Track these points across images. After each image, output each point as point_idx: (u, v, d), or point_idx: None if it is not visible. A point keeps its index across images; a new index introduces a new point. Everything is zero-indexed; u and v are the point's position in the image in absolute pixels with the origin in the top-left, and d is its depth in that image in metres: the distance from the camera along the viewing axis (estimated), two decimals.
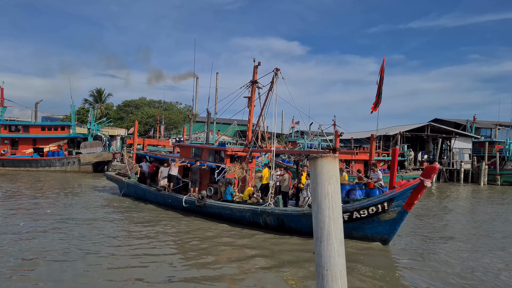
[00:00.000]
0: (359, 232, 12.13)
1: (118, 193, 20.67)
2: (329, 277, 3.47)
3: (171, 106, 66.91)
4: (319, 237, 3.63)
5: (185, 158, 17.74)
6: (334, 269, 3.48)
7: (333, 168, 3.51)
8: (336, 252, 3.54)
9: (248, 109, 17.16)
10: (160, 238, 11.87)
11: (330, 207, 3.56)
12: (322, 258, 3.56)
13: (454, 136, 46.28)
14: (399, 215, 11.70)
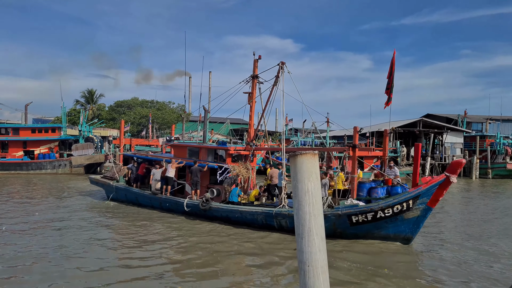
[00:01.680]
0: (381, 232, 11.82)
1: (106, 197, 19.43)
2: (311, 273, 3.48)
3: (164, 106, 66.57)
4: (300, 234, 3.64)
5: (180, 158, 17.09)
6: (316, 264, 3.50)
7: (313, 165, 3.52)
8: (318, 248, 3.56)
9: (249, 105, 16.34)
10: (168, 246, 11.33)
11: (311, 203, 3.57)
12: (303, 254, 3.58)
13: (445, 131, 46.64)
14: (423, 212, 11.39)
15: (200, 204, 14.43)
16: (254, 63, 16.09)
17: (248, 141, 16.52)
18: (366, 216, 11.50)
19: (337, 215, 11.69)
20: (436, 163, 42.54)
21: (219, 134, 48.45)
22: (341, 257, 10.31)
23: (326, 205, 12.37)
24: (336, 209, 11.83)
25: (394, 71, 15.01)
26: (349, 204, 11.77)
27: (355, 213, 11.55)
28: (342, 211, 11.64)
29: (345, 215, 11.65)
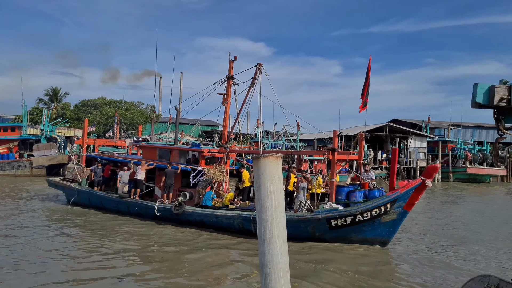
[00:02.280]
0: (358, 235, 11.87)
1: (66, 201, 18.25)
2: (272, 276, 3.45)
3: (133, 106, 65.03)
4: (262, 236, 3.60)
5: (149, 160, 16.34)
6: (277, 267, 3.47)
7: (275, 167, 3.49)
8: (279, 250, 3.53)
9: (224, 106, 15.99)
10: (135, 252, 10.93)
11: (273, 206, 3.54)
12: (265, 257, 3.54)
13: (410, 135, 48.26)
14: (400, 216, 11.57)
15: (172, 208, 13.89)
16: (229, 64, 15.78)
17: (222, 143, 16.21)
18: (345, 219, 11.55)
19: (317, 219, 11.67)
20: (401, 167, 43.90)
21: (189, 136, 47.89)
22: (305, 260, 10.39)
23: (305, 209, 12.31)
24: (316, 213, 11.78)
25: (369, 76, 15.24)
26: (329, 208, 11.78)
27: (335, 217, 11.57)
28: (322, 215, 11.62)
29: (325, 219, 11.64)
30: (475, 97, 3.09)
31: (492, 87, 3.11)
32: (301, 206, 12.47)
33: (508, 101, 3.06)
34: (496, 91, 3.08)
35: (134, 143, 20.54)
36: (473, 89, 3.09)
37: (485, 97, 3.10)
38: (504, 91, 3.10)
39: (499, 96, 3.06)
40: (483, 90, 3.10)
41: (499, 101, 3.04)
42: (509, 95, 3.05)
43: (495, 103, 3.07)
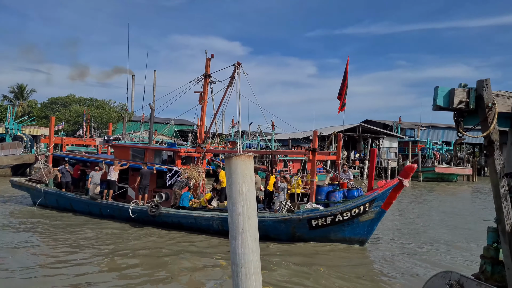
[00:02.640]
0: (338, 235, 11.98)
1: (32, 203, 17.30)
2: (244, 275, 3.45)
3: (104, 104, 63.42)
4: (234, 235, 3.60)
5: (122, 160, 15.83)
6: (249, 266, 3.47)
7: (247, 166, 3.50)
8: (251, 249, 3.54)
9: (201, 105, 15.67)
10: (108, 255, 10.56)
11: (245, 205, 3.55)
12: (236, 256, 3.54)
13: (382, 136, 49.48)
14: (377, 215, 11.78)
15: (148, 209, 13.50)
16: (206, 62, 15.50)
17: (199, 142, 15.96)
18: (325, 219, 11.65)
19: (298, 219, 11.72)
20: None
21: (163, 135, 47.21)
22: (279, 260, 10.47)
23: (285, 209, 12.32)
24: (297, 213, 11.84)
25: (347, 77, 15.39)
26: (310, 208, 11.86)
27: (316, 217, 11.65)
28: (303, 215, 11.69)
29: (306, 219, 11.70)
30: (436, 100, 3.18)
31: (451, 90, 3.19)
32: (281, 207, 12.49)
33: (467, 104, 3.17)
34: (456, 94, 3.17)
35: (105, 142, 20.01)
36: (434, 92, 3.18)
37: (445, 100, 3.18)
38: (463, 94, 3.20)
39: (458, 99, 3.16)
40: (443, 93, 3.18)
41: (458, 104, 3.16)
42: (468, 98, 3.17)
43: (455, 106, 3.17)
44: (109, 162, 15.92)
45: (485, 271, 3.89)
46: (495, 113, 3.17)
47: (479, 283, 3.51)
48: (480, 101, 3.19)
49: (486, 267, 3.91)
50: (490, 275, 3.83)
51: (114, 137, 27.41)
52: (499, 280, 3.71)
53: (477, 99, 3.20)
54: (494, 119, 3.16)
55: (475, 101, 3.19)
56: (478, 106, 3.21)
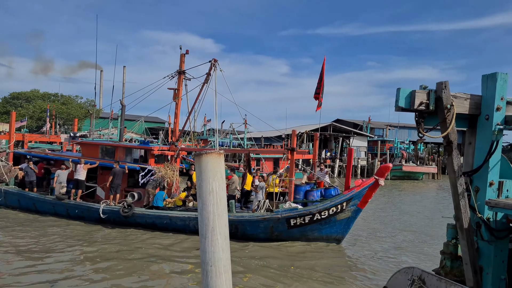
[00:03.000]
0: (315, 233, 12.04)
1: None
2: (213, 273, 3.44)
3: (70, 100, 61.25)
4: (204, 234, 3.59)
5: (90, 158, 15.21)
6: (218, 264, 3.47)
7: (217, 164, 3.50)
8: (221, 247, 3.53)
9: (175, 102, 15.29)
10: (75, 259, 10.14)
11: (215, 203, 3.54)
12: (206, 255, 3.53)
13: (352, 135, 50.61)
14: (354, 213, 11.94)
15: (120, 210, 13.03)
16: (181, 58, 15.15)
17: (173, 140, 15.58)
18: (304, 218, 11.73)
19: (277, 218, 11.73)
20: (344, 165, 45.88)
21: (133, 133, 46.18)
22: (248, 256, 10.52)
23: (264, 209, 12.27)
24: (276, 212, 11.83)
25: (324, 77, 15.49)
26: (289, 207, 11.89)
27: (294, 216, 11.70)
28: (282, 215, 11.71)
29: (284, 219, 11.73)
30: (398, 101, 3.26)
31: (412, 92, 3.29)
32: (259, 206, 12.45)
33: (427, 105, 3.27)
34: (416, 96, 3.27)
35: (71, 139, 19.23)
36: (396, 94, 3.27)
37: (406, 101, 3.27)
38: (423, 95, 3.30)
39: (419, 100, 3.26)
40: (405, 94, 3.28)
41: (419, 105, 3.25)
42: (428, 99, 3.27)
43: (415, 107, 3.26)
44: (76, 160, 15.26)
45: (445, 266, 4.02)
46: (454, 114, 3.27)
47: (439, 278, 3.62)
48: (439, 103, 3.28)
49: (445, 263, 4.03)
50: (450, 270, 3.96)
51: (80, 134, 26.42)
52: (457, 275, 3.85)
53: (437, 101, 3.29)
54: (453, 120, 3.27)
55: (434, 103, 3.29)
56: (437, 108, 3.30)
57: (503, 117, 3.48)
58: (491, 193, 3.56)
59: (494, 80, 3.43)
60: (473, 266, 3.57)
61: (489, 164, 3.48)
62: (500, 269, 3.60)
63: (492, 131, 3.43)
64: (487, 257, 3.61)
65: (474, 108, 3.54)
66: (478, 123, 3.59)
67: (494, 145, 3.43)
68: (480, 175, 3.58)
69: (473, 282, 3.56)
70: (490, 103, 3.46)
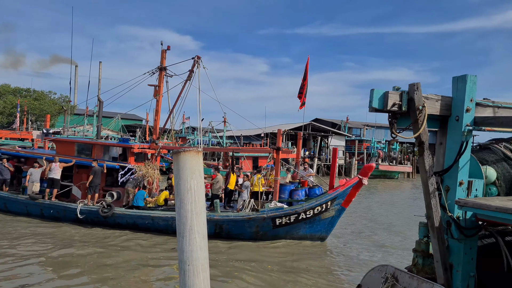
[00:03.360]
0: (299, 232, 12.11)
1: None
2: (191, 272, 3.42)
3: (43, 96, 59.38)
4: (182, 232, 3.56)
5: (66, 156, 14.76)
6: (196, 263, 3.44)
7: (196, 162, 3.48)
8: (199, 246, 3.52)
9: (155, 99, 15.03)
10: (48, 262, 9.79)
11: (193, 201, 3.51)
12: (184, 253, 3.50)
13: (331, 134, 51.29)
14: (338, 212, 12.11)
15: (100, 210, 12.70)
16: (162, 54, 14.88)
17: (154, 138, 15.26)
18: (289, 218, 11.80)
19: (262, 218, 11.74)
20: (322, 164, 46.46)
21: (109, 130, 45.17)
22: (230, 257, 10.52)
23: (249, 208, 12.24)
24: (261, 212, 11.83)
25: (307, 76, 15.56)
26: (274, 207, 11.91)
27: (280, 215, 11.74)
28: (268, 214, 11.73)
29: (270, 218, 11.76)
30: (372, 102, 3.29)
31: (386, 93, 3.32)
32: (244, 206, 12.42)
33: (400, 106, 3.32)
34: (389, 97, 3.30)
35: (44, 136, 18.59)
36: (370, 94, 3.30)
37: (380, 102, 3.30)
38: (396, 97, 3.34)
39: (392, 101, 3.29)
40: (378, 95, 3.31)
41: (392, 106, 3.29)
42: (401, 100, 3.32)
43: (388, 108, 3.29)
44: (50, 158, 14.73)
45: (417, 264, 4.06)
46: (425, 115, 3.31)
47: (411, 276, 3.66)
48: (412, 104, 3.32)
49: (417, 260, 4.07)
50: (421, 267, 4.01)
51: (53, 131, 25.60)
52: (429, 272, 3.90)
53: (409, 102, 3.33)
54: (424, 121, 3.31)
55: (407, 104, 3.33)
56: (409, 109, 3.34)
57: (473, 118, 3.53)
58: (460, 192, 3.61)
59: (464, 82, 3.48)
60: (444, 264, 3.62)
61: (459, 164, 3.53)
62: (470, 266, 3.66)
63: (462, 132, 3.48)
64: (457, 254, 3.66)
65: (445, 109, 3.58)
66: (449, 124, 3.64)
67: (464, 146, 3.48)
68: (450, 175, 3.63)
69: (444, 279, 3.61)
70: (460, 105, 3.51)
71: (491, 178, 3.92)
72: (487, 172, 3.89)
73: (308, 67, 15.35)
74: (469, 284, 3.67)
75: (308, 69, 15.48)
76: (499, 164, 4.02)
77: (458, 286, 3.64)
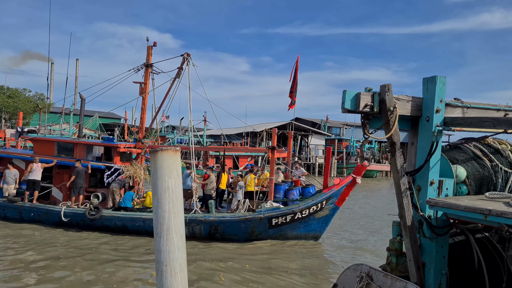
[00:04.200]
0: (293, 232, 12.09)
1: None
2: (168, 273, 3.37)
3: (17, 93, 57.57)
4: (159, 233, 3.52)
5: (45, 156, 14.18)
6: (174, 263, 3.41)
7: (174, 161, 3.46)
8: (176, 246, 3.49)
9: (142, 96, 14.59)
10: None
11: (171, 201, 3.48)
12: (161, 254, 3.46)
13: (311, 133, 51.77)
14: (331, 211, 12.17)
15: (86, 212, 12.11)
16: (148, 50, 14.50)
17: (140, 137, 14.88)
18: (285, 218, 11.77)
19: (259, 218, 11.65)
20: (302, 163, 46.85)
21: (86, 129, 44.09)
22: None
23: (244, 209, 12.08)
24: (258, 212, 11.71)
25: (297, 75, 15.29)
26: (271, 207, 11.84)
27: (277, 215, 11.70)
28: (264, 214, 11.66)
29: (266, 218, 11.70)
30: (344, 103, 3.30)
31: (358, 94, 3.33)
32: (239, 206, 12.25)
33: (372, 107, 3.33)
34: (361, 98, 3.31)
35: (19, 134, 17.90)
36: (342, 96, 3.31)
37: (352, 103, 3.31)
38: (368, 98, 3.36)
39: (364, 102, 3.31)
40: (350, 96, 3.32)
41: (364, 107, 3.30)
42: (372, 101, 3.33)
43: (361, 109, 3.30)
44: (27, 158, 14.05)
45: (391, 262, 4.10)
46: (396, 116, 3.33)
47: (386, 274, 3.70)
48: (383, 105, 3.33)
49: (391, 259, 4.11)
50: (395, 266, 4.06)
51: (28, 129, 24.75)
52: (402, 271, 3.96)
53: (381, 103, 3.34)
54: (395, 121, 3.33)
55: (378, 105, 3.34)
56: (381, 110, 3.35)
57: (443, 119, 3.58)
58: (432, 191, 3.66)
59: (433, 83, 3.53)
60: (416, 262, 3.68)
61: (430, 164, 3.58)
62: (441, 264, 3.72)
63: (432, 132, 3.53)
64: (429, 253, 3.72)
65: (416, 110, 3.63)
66: (420, 124, 3.68)
67: (434, 146, 3.53)
68: (421, 175, 3.68)
69: (417, 277, 3.66)
70: (430, 105, 3.56)
71: (461, 177, 3.98)
72: (457, 171, 3.95)
73: (297, 66, 15.39)
74: (441, 282, 3.71)
75: (298, 69, 15.45)
76: (469, 163, 4.09)
77: (430, 284, 3.69)
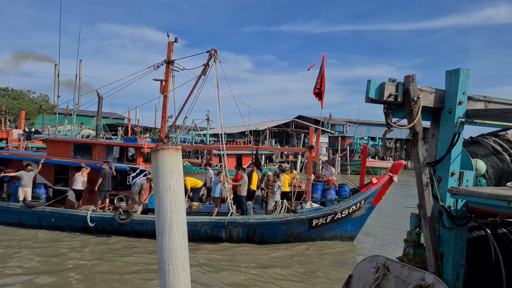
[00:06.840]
0: (330, 232, 11.90)
1: None
2: (171, 271, 3.37)
3: (22, 95, 57.84)
4: (161, 231, 3.49)
5: (59, 157, 13.59)
6: (176, 262, 3.40)
7: (175, 160, 3.43)
8: (178, 245, 3.46)
9: (163, 94, 13.93)
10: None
11: (172, 200, 3.46)
12: (164, 253, 3.44)
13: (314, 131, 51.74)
14: (368, 211, 12.01)
15: (116, 216, 11.51)
16: (168, 46, 13.79)
17: (162, 137, 14.27)
18: (326, 218, 11.54)
19: (301, 219, 11.40)
20: (306, 161, 46.81)
21: (90, 129, 44.06)
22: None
23: (283, 210, 11.73)
24: (300, 213, 11.42)
25: (324, 73, 15.19)
26: (311, 207, 11.58)
27: (318, 216, 11.48)
28: (307, 215, 11.41)
29: (308, 219, 11.46)
30: (369, 92, 3.35)
31: (382, 84, 3.40)
32: (277, 207, 11.89)
33: (395, 97, 3.39)
34: (386, 87, 3.37)
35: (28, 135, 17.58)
36: (367, 85, 3.37)
37: (376, 93, 3.37)
38: (392, 88, 3.41)
39: (388, 92, 3.37)
40: (375, 86, 3.38)
41: (388, 97, 3.36)
42: (396, 91, 3.40)
43: (385, 99, 3.36)
44: (36, 160, 13.42)
45: (408, 253, 4.18)
46: (420, 107, 3.39)
47: (402, 265, 3.73)
48: (407, 95, 3.40)
49: (408, 250, 4.19)
50: (412, 257, 4.13)
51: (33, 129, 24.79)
52: (419, 262, 4.03)
53: (404, 93, 3.42)
54: (419, 112, 3.38)
55: (402, 95, 3.41)
56: (405, 100, 3.42)
57: (465, 111, 3.64)
58: (452, 182, 3.70)
59: (457, 76, 3.57)
60: (435, 252, 3.70)
61: (451, 155, 3.62)
62: (460, 255, 3.75)
63: (454, 124, 3.58)
64: (447, 243, 3.74)
65: (438, 101, 3.68)
66: (442, 116, 3.73)
67: (456, 137, 3.57)
68: (442, 166, 3.72)
69: (434, 267, 3.69)
70: (452, 97, 3.61)
71: (481, 170, 4.02)
72: (477, 164, 4.00)
73: (324, 64, 15.30)
74: (459, 273, 3.75)
75: (324, 66, 15.37)
76: (489, 158, 4.16)
77: (448, 274, 3.72)
